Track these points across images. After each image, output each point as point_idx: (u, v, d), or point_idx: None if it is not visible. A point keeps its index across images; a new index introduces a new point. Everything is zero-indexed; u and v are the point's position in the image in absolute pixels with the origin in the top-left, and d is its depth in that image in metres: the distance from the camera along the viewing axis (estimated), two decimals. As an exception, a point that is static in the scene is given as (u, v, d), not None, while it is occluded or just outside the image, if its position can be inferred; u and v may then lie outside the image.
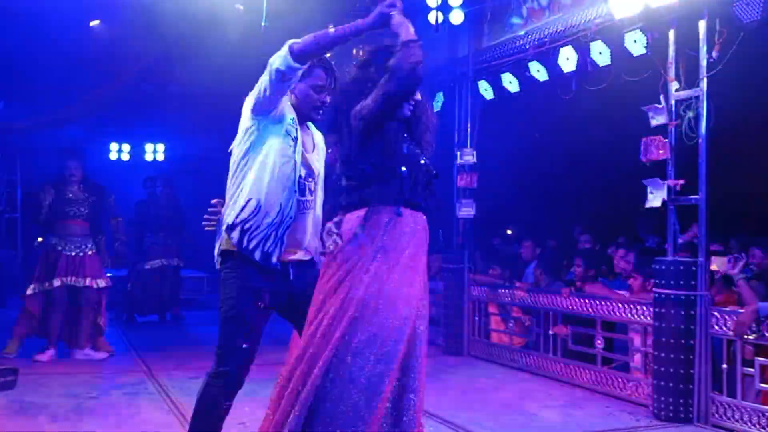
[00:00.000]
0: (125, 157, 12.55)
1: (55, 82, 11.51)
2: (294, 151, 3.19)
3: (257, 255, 3.12)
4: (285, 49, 3.01)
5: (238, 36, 8.50)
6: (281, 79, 3.03)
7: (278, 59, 3.01)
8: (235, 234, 3.11)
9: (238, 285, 3.13)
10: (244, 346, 3.10)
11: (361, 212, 2.86)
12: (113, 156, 12.47)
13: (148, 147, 12.64)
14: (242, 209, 3.10)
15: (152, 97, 10.71)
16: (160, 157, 12.68)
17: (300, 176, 3.20)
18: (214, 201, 3.29)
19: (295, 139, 3.21)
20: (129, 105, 10.84)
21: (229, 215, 3.14)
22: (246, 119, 3.21)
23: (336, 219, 2.96)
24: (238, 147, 3.21)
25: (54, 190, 6.69)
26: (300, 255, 3.26)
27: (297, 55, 2.99)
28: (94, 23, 8.91)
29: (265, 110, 3.14)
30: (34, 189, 7.39)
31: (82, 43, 9.59)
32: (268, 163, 3.13)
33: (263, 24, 6.18)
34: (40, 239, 9.36)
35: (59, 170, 6.82)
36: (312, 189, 3.30)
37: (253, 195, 3.10)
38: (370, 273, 2.78)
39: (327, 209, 3.31)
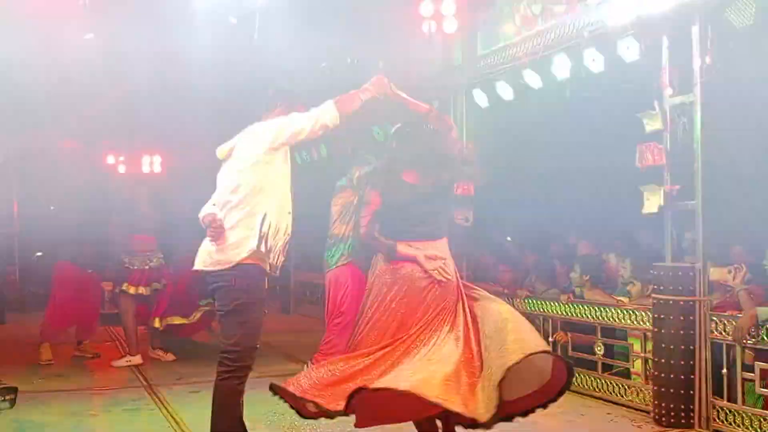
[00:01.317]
0: (121, 169, 12.51)
1: (50, 95, 11.53)
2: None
3: (278, 269, 3.77)
4: (334, 110, 3.65)
5: (232, 48, 8.53)
6: (324, 131, 3.68)
7: (328, 117, 3.65)
8: (274, 254, 3.66)
9: (256, 295, 3.66)
10: (258, 345, 3.69)
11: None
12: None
13: (145, 159, 12.61)
14: (276, 233, 3.66)
15: (147, 108, 10.73)
16: (157, 168, 12.65)
17: None
18: (210, 218, 3.62)
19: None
20: (124, 117, 10.87)
21: (261, 238, 3.60)
22: (260, 151, 3.66)
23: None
24: (246, 173, 3.65)
25: None
26: None
27: (344, 116, 3.68)
28: (87, 36, 8.91)
29: (282, 147, 3.71)
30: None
31: (76, 55, 9.61)
32: (286, 191, 3.75)
33: (255, 36, 6.20)
34: (39, 253, 9.39)
35: None
36: None
37: (276, 220, 3.66)
38: None
39: None
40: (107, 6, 7.60)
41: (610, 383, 5.55)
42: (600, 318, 5.63)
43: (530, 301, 6.38)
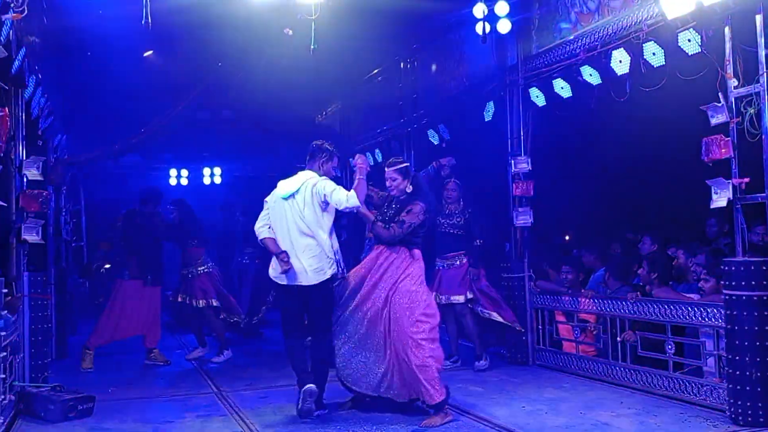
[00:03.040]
0: (184, 181, 12.85)
1: (113, 112, 11.89)
2: None
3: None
4: (357, 200, 5.16)
5: (288, 60, 8.65)
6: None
7: (353, 204, 5.17)
8: (341, 268, 5.36)
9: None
10: None
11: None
12: (173, 181, 12.78)
13: (206, 171, 12.93)
14: (339, 253, 5.36)
15: (207, 122, 10.98)
16: (218, 180, 12.95)
17: None
18: (285, 255, 5.17)
19: None
20: (185, 131, 11.13)
21: (336, 261, 5.30)
22: (328, 202, 5.22)
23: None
24: (326, 217, 5.27)
25: None
26: None
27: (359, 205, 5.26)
28: (147, 54, 9.16)
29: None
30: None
31: (137, 73, 9.90)
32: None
33: (312, 47, 6.27)
34: (107, 266, 9.73)
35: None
36: None
37: (337, 244, 5.38)
38: None
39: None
40: (166, 25, 7.78)
41: (683, 382, 5.44)
42: (670, 316, 5.52)
43: (597, 300, 6.30)
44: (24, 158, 5.83)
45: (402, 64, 9.95)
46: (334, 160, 5.47)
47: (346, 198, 5.14)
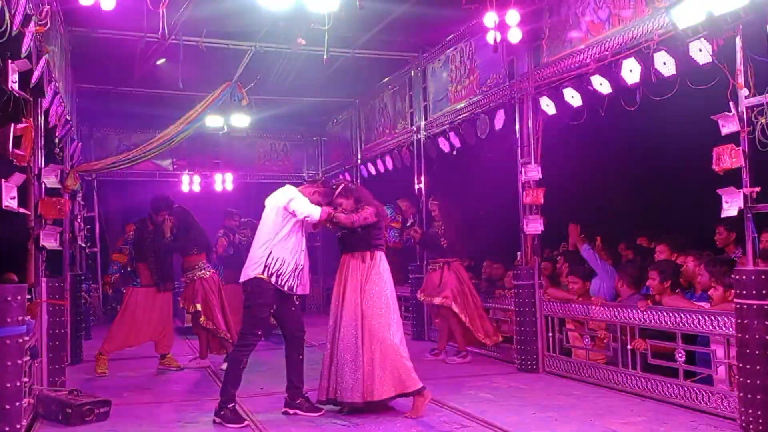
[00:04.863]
0: (196, 188, 12.92)
1: (126, 120, 12.02)
2: None
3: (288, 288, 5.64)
4: (316, 215, 5.52)
5: (300, 67, 8.76)
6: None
7: (314, 216, 5.52)
8: (276, 278, 5.53)
9: (261, 300, 5.48)
10: (259, 333, 5.58)
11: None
12: (185, 188, 12.85)
13: (218, 177, 13.01)
14: (281, 265, 5.53)
15: (219, 128, 11.11)
16: (229, 186, 13.02)
17: None
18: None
19: None
20: (197, 137, 11.25)
21: (265, 267, 5.52)
22: (283, 211, 5.52)
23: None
24: (274, 223, 5.55)
25: None
26: None
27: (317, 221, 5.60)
28: (160, 62, 9.28)
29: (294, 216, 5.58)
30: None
31: (150, 81, 10.02)
32: (294, 239, 5.61)
33: (325, 56, 6.35)
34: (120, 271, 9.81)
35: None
36: None
37: (281, 257, 5.53)
38: None
39: None
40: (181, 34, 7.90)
41: (693, 391, 5.45)
42: (680, 324, 5.54)
43: (608, 308, 6.32)
44: (42, 166, 5.93)
45: (413, 73, 10.03)
46: (324, 199, 5.72)
47: (308, 209, 5.48)
